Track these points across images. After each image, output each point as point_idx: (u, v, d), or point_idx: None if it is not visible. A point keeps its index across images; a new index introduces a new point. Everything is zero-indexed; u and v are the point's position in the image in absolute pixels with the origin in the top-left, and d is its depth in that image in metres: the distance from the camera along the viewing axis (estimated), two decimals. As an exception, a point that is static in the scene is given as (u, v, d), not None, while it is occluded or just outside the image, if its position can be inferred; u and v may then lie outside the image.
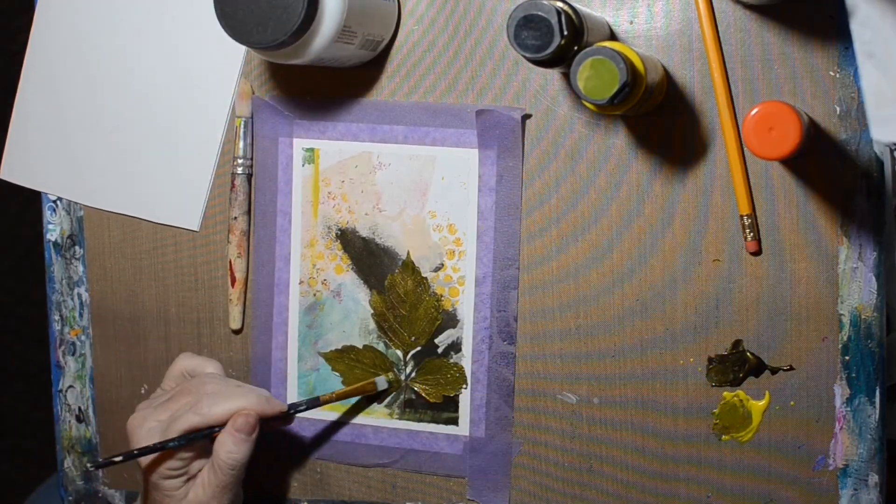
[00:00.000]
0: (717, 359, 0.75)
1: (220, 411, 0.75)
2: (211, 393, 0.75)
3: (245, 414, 0.75)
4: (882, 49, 0.52)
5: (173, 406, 0.76)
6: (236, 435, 0.74)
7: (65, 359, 0.91)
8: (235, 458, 0.74)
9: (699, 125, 0.74)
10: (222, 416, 0.75)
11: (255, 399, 0.76)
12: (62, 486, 0.92)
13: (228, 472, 0.75)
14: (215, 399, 0.75)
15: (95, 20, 0.87)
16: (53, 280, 0.91)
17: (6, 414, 1.88)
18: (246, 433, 0.74)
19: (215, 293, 0.86)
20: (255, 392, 0.76)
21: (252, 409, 0.75)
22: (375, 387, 0.81)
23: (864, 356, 0.72)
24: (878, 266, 0.71)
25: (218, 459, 0.74)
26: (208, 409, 0.74)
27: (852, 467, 0.73)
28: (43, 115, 0.89)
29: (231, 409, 0.75)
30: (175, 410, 0.75)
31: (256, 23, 0.69)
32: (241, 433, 0.74)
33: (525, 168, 0.78)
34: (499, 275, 0.79)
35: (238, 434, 0.74)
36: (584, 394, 0.78)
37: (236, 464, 0.75)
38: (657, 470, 0.77)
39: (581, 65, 0.63)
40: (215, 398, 0.75)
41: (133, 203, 0.87)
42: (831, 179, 0.71)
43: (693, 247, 0.75)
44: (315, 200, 0.82)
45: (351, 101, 0.81)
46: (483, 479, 0.80)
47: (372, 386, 0.81)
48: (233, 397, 0.75)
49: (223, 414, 0.75)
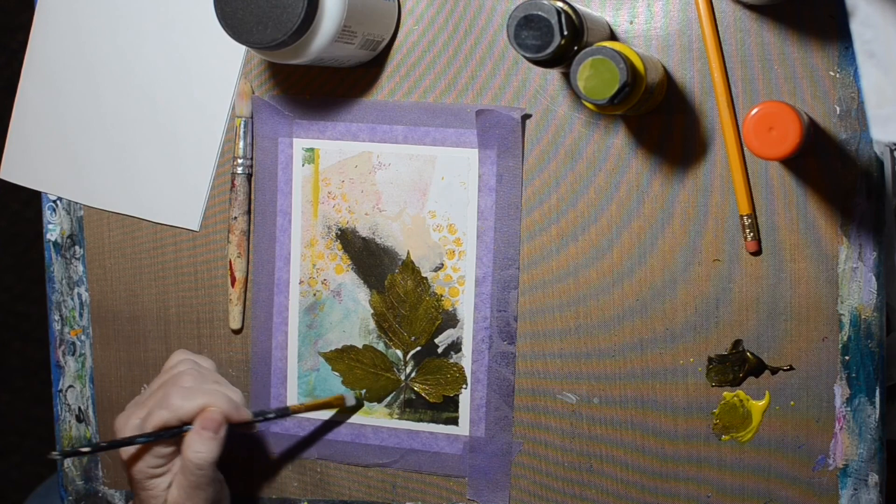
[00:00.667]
0: (717, 359, 0.75)
1: (189, 407, 0.74)
2: (182, 388, 0.75)
3: (211, 412, 0.74)
4: (882, 49, 0.52)
5: (151, 402, 0.75)
6: (202, 433, 0.73)
7: (65, 359, 0.91)
8: (201, 458, 0.73)
9: (699, 125, 0.74)
10: (190, 412, 0.74)
11: (224, 400, 0.75)
12: (62, 486, 0.92)
13: (196, 472, 0.74)
14: (185, 394, 0.74)
15: (95, 19, 0.87)
16: (53, 280, 0.91)
17: (6, 412, 1.88)
18: (212, 431, 0.73)
19: (215, 293, 0.86)
20: (226, 393, 0.76)
21: (219, 408, 0.75)
22: (343, 402, 0.82)
23: (864, 356, 0.72)
24: (878, 266, 0.71)
25: (185, 459, 0.74)
26: (178, 404, 0.74)
27: (852, 467, 0.73)
28: (43, 114, 0.89)
29: (198, 405, 0.74)
30: (151, 406, 0.75)
31: (256, 23, 0.69)
32: (206, 431, 0.73)
33: (524, 167, 0.78)
34: (499, 275, 0.79)
35: (204, 432, 0.73)
36: (583, 393, 0.78)
37: (203, 463, 0.73)
38: (657, 469, 0.77)
39: (581, 65, 0.63)
40: (186, 393, 0.74)
41: (133, 203, 0.87)
42: (831, 179, 0.71)
43: (693, 246, 0.75)
44: (315, 200, 0.82)
45: (351, 100, 0.81)
46: (483, 479, 0.80)
47: (340, 401, 0.82)
48: (202, 395, 0.74)
49: (191, 410, 0.74)
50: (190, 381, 0.76)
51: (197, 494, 0.74)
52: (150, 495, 0.75)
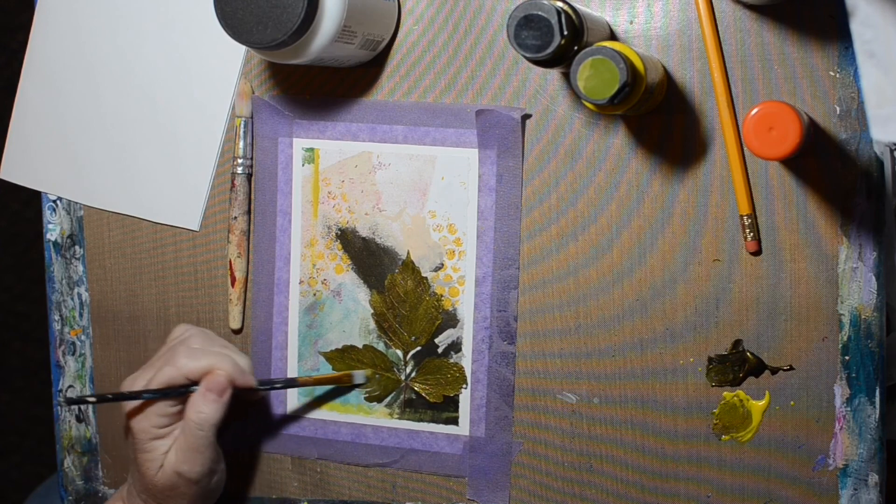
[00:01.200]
0: (717, 358, 0.75)
1: (194, 366, 0.75)
2: (191, 348, 0.76)
3: (217, 374, 0.75)
4: (882, 49, 0.52)
5: (159, 363, 0.77)
6: (207, 395, 0.75)
7: (65, 358, 0.91)
8: (203, 418, 0.74)
9: (699, 125, 0.74)
10: (195, 372, 0.75)
11: (230, 363, 0.76)
12: (62, 486, 0.92)
13: (196, 433, 0.75)
14: (192, 354, 0.76)
15: (95, 19, 0.87)
16: (53, 280, 0.91)
17: (6, 412, 1.88)
18: (216, 393, 0.74)
19: (215, 293, 0.86)
20: (233, 357, 0.77)
21: (225, 371, 0.75)
22: (352, 379, 0.82)
23: (864, 356, 0.72)
24: (878, 266, 0.71)
25: (188, 419, 0.75)
26: (184, 363, 0.75)
27: (852, 467, 0.73)
28: (43, 114, 0.89)
29: (204, 366, 0.75)
30: (158, 365, 0.76)
31: (256, 23, 0.69)
32: (210, 393, 0.74)
33: (524, 167, 0.78)
34: (499, 275, 0.79)
35: (209, 394, 0.74)
36: (583, 393, 0.78)
37: (204, 423, 0.75)
38: (657, 469, 0.77)
39: (581, 65, 0.63)
40: (193, 354, 0.76)
41: (133, 203, 0.87)
42: (831, 179, 0.71)
43: (693, 246, 0.75)
44: (315, 200, 0.82)
45: (351, 100, 0.81)
46: (483, 479, 0.80)
47: (348, 377, 0.82)
48: (209, 356, 0.76)
49: (196, 369, 0.75)
50: (198, 343, 0.77)
51: (194, 458, 0.75)
52: (149, 458, 0.76)
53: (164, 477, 0.76)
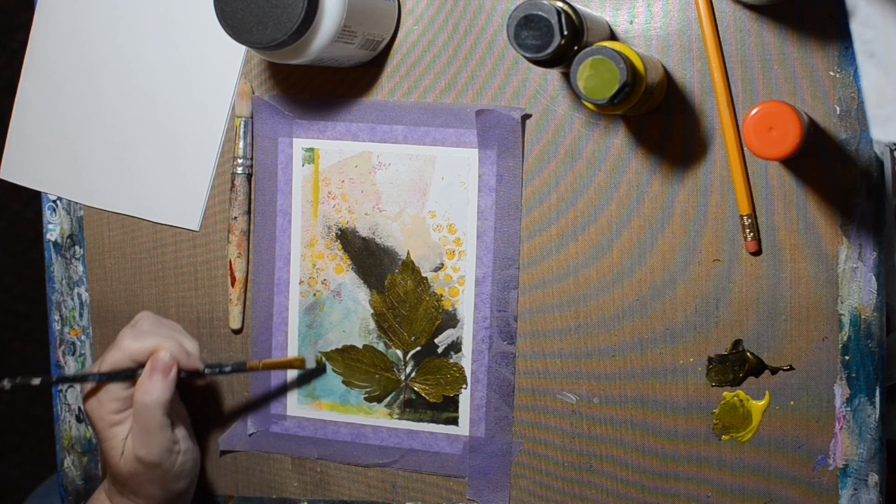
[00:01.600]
0: (717, 358, 0.75)
1: (137, 347, 0.75)
2: (137, 330, 0.76)
3: (161, 353, 0.75)
4: (882, 49, 0.52)
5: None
6: (153, 374, 0.75)
7: (65, 359, 0.91)
8: (151, 399, 0.74)
9: (699, 125, 0.74)
10: (140, 353, 0.75)
11: (174, 344, 0.76)
12: (62, 486, 0.92)
13: (144, 413, 0.74)
14: (137, 336, 0.76)
15: (95, 19, 0.87)
16: (53, 280, 0.91)
17: (6, 412, 1.88)
18: (161, 371, 0.75)
19: (215, 293, 0.86)
20: (179, 338, 0.77)
21: (169, 350, 0.75)
22: (303, 364, 0.82)
23: (864, 356, 0.72)
24: (878, 266, 0.71)
25: (136, 401, 0.75)
26: (127, 344, 0.75)
27: (852, 467, 0.73)
28: (43, 114, 0.89)
29: (149, 347, 0.75)
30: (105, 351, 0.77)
31: (256, 23, 0.69)
32: (156, 372, 0.75)
33: (524, 167, 0.78)
34: (499, 275, 0.79)
35: (153, 373, 0.75)
36: (583, 393, 0.78)
37: (151, 403, 0.74)
38: (657, 469, 0.77)
39: (581, 65, 0.63)
40: (138, 335, 0.76)
41: (133, 203, 0.87)
42: (831, 179, 0.72)
43: (692, 246, 0.75)
44: (315, 200, 0.82)
45: (351, 100, 0.81)
46: (483, 479, 0.80)
47: (300, 363, 0.82)
48: (153, 337, 0.76)
49: (141, 350, 0.75)
50: (146, 326, 0.77)
51: (148, 440, 0.75)
52: (111, 445, 0.76)
53: (126, 463, 0.76)
